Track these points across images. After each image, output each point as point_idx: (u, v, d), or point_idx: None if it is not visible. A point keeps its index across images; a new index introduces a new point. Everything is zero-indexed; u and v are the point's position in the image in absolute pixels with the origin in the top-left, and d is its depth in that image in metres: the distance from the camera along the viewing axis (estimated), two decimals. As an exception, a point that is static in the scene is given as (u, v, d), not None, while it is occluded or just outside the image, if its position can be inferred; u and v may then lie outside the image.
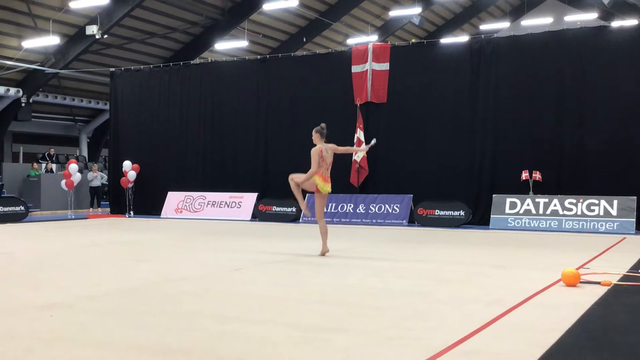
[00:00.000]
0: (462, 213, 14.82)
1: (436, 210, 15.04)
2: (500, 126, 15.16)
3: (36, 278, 7.25)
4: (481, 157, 15.34)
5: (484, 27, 33.24)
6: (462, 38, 19.73)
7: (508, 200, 14.56)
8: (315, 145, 9.11)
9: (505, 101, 15.13)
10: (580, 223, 13.78)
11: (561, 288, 6.52)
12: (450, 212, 14.92)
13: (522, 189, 14.60)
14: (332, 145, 9.15)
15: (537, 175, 14.42)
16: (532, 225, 14.14)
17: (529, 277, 7.31)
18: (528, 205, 14.33)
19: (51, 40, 21.72)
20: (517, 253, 9.88)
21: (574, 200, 14.00)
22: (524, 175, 14.45)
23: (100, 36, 21.98)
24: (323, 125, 9.21)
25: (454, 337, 4.50)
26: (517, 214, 14.36)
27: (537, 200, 14.30)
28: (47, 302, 5.74)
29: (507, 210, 14.47)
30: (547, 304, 5.73)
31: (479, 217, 15.09)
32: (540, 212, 14.18)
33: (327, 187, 9.18)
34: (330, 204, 16.23)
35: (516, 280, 7.05)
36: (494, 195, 14.79)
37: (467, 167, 15.45)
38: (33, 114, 25.38)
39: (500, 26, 32.44)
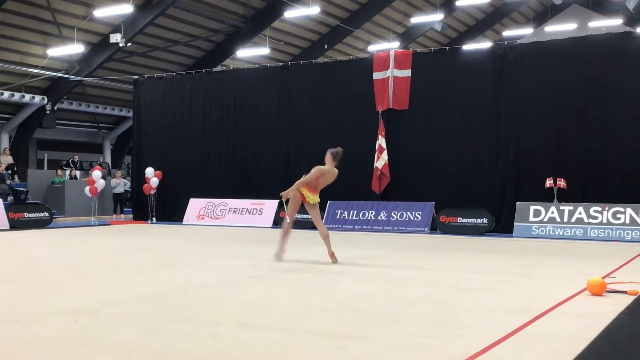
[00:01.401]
0: (485, 221, 14.69)
1: (459, 218, 14.93)
2: (523, 133, 15.02)
3: (60, 284, 7.31)
4: (504, 165, 15.21)
5: (506, 33, 33.02)
6: (485, 44, 19.63)
7: (532, 207, 14.40)
8: (324, 164, 9.16)
9: (528, 108, 14.99)
10: (606, 231, 13.58)
11: (587, 297, 6.41)
12: (473, 219, 14.79)
13: (546, 196, 14.43)
14: (336, 172, 9.23)
15: (561, 183, 14.25)
16: (556, 233, 13.96)
17: (554, 285, 7.21)
18: (552, 213, 14.16)
19: (76, 49, 22.01)
20: (541, 261, 9.75)
21: (599, 208, 13.81)
22: (548, 182, 14.29)
23: (123, 44, 22.22)
24: (341, 150, 9.23)
25: (477, 346, 4.44)
26: (542, 221, 14.19)
27: (561, 208, 14.12)
28: (72, 308, 5.77)
29: (531, 218, 14.31)
30: (572, 313, 5.64)
31: (503, 225, 14.94)
32: (565, 220, 14.00)
33: (314, 198, 9.27)
34: (351, 212, 16.19)
35: (541, 289, 6.95)
36: (517, 203, 14.63)
37: (491, 175, 15.32)
38: (58, 121, 25.72)
39: (523, 32, 32.23)
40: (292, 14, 24.23)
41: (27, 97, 23.60)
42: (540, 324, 5.20)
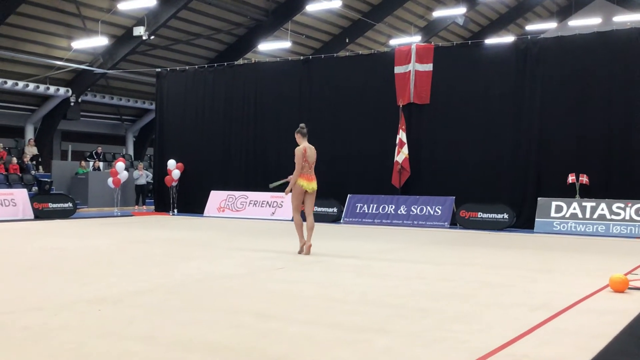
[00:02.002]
0: (506, 216, 14.62)
1: (479, 213, 14.87)
2: (546, 128, 14.90)
3: (85, 273, 7.43)
4: (526, 160, 15.10)
5: (530, 27, 32.70)
6: (508, 38, 19.47)
7: (554, 203, 14.30)
8: (298, 145, 9.41)
9: (551, 103, 14.87)
10: (629, 228, 13.45)
11: (609, 294, 6.38)
12: (493, 214, 14.73)
13: (568, 192, 14.32)
14: (312, 146, 9.49)
15: (583, 179, 14.13)
16: (578, 229, 13.85)
17: (575, 282, 7.18)
18: (574, 209, 14.05)
19: (100, 41, 22.21)
20: (563, 257, 9.70)
21: (622, 205, 13.67)
22: (570, 178, 14.18)
23: (147, 37, 22.39)
24: (303, 125, 9.56)
25: (499, 340, 4.45)
26: (563, 217, 14.09)
27: (583, 204, 14.01)
28: (96, 297, 5.88)
29: (553, 214, 14.21)
30: (594, 310, 5.62)
31: (524, 221, 14.86)
32: (587, 216, 13.88)
33: (312, 185, 9.42)
34: (371, 205, 16.21)
35: (562, 285, 6.93)
36: (539, 199, 14.54)
37: (512, 170, 15.23)
38: (82, 113, 25.99)
39: (547, 27, 31.89)
40: (313, 7, 24.22)
41: (52, 89, 23.88)
42: (561, 320, 5.19)
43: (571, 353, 4.20)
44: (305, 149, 9.34)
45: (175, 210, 19.41)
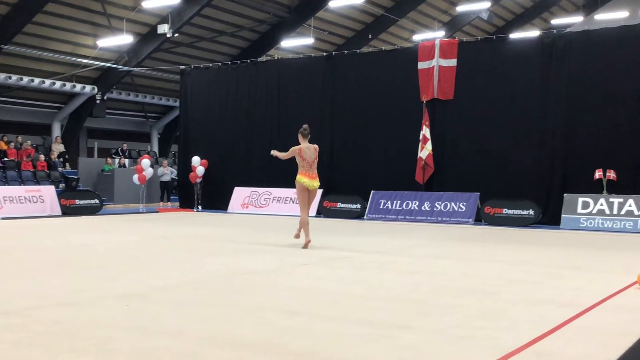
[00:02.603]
0: (531, 212, 14.48)
1: (504, 209, 14.75)
2: (572, 123, 14.72)
3: (112, 269, 7.53)
4: (552, 155, 14.94)
5: (555, 21, 32.29)
6: (533, 33, 19.27)
7: (580, 199, 14.13)
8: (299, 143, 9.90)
9: (577, 98, 14.68)
10: (657, 224, 13.24)
11: (637, 291, 6.30)
12: (519, 210, 14.59)
13: (595, 188, 14.14)
14: (314, 146, 9.98)
15: (611, 174, 13.94)
16: (605, 225, 13.68)
17: (603, 279, 7.10)
18: (601, 205, 13.87)
19: (125, 39, 22.42)
20: (590, 254, 9.59)
21: (650, 201, 13.47)
22: (597, 174, 13.99)
23: (171, 35, 22.55)
24: (305, 126, 10.10)
25: (525, 338, 4.42)
26: (590, 214, 13.92)
27: (611, 200, 13.82)
28: (123, 292, 5.96)
29: (579, 210, 14.05)
30: (622, 307, 5.56)
31: (550, 217, 14.70)
32: (615, 212, 13.70)
33: (313, 183, 9.86)
34: (394, 202, 16.16)
35: (589, 282, 6.86)
36: (565, 195, 14.37)
37: (537, 165, 15.08)
38: (107, 111, 26.29)
39: (572, 21, 31.47)
40: (336, 3, 24.18)
41: (78, 87, 24.18)
42: (588, 317, 5.14)
43: (598, 351, 4.17)
44: (300, 149, 9.82)
45: (200, 207, 19.56)
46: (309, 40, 26.28)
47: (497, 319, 5.05)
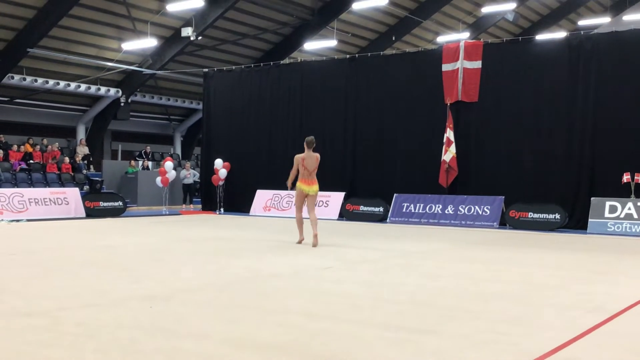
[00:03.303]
0: (557, 216, 14.28)
1: (529, 213, 14.56)
2: (599, 126, 14.49)
3: (136, 270, 7.57)
4: (579, 158, 14.72)
5: (582, 22, 31.89)
6: (560, 34, 19.05)
7: (608, 203, 13.91)
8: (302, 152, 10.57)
9: (605, 100, 14.46)
10: (687, 229, 12.98)
11: (668, 297, 6.17)
12: (544, 214, 14.40)
13: (622, 192, 13.91)
14: (317, 155, 10.61)
15: (639, 178, 13.70)
16: (633, 230, 13.44)
17: (630, 284, 6.97)
18: (629, 209, 13.63)
19: (149, 43, 22.59)
20: (617, 259, 9.43)
21: (679, 205, 13.21)
22: (625, 177, 13.76)
23: (194, 38, 22.68)
24: (310, 138, 10.67)
25: (552, 343, 4.34)
26: (618, 218, 13.68)
27: (639, 204, 13.58)
28: (147, 294, 5.97)
29: (607, 214, 13.83)
30: (652, 314, 5.44)
31: (576, 221, 14.49)
32: (642, 216, 13.46)
33: (312, 189, 10.58)
34: (418, 205, 16.07)
35: (617, 287, 6.73)
36: (592, 198, 14.16)
37: (564, 168, 14.87)
38: (131, 113, 26.51)
39: (600, 22, 31.04)
40: (360, 5, 24.13)
41: (103, 89, 24.43)
42: (616, 323, 5.05)
43: (627, 357, 4.08)
44: (302, 158, 10.46)
45: (222, 209, 19.62)
46: (332, 43, 26.26)
47: (523, 324, 4.96)
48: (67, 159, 22.17)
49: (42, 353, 4.03)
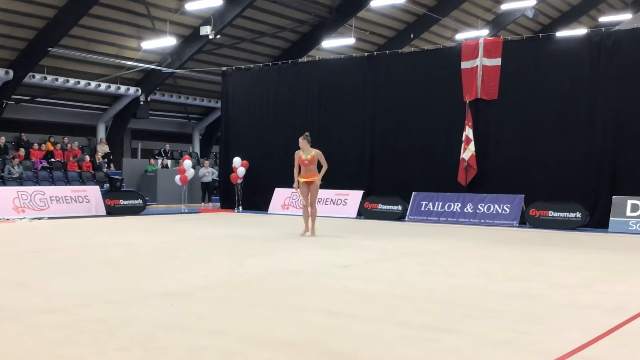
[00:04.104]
0: (578, 215, 14.15)
1: (550, 212, 14.44)
2: (622, 123, 14.31)
3: (156, 268, 7.62)
4: (600, 156, 14.56)
5: (603, 19, 31.54)
6: (580, 31, 18.84)
7: (629, 202, 13.74)
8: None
9: (627, 98, 14.28)
10: None
11: (691, 297, 6.09)
12: (565, 213, 14.27)
13: (644, 190, 13.74)
14: (316, 151, 11.85)
15: (661, 176, 13.53)
16: (655, 229, 13.27)
17: (653, 284, 6.88)
18: (651, 207, 13.47)
19: (168, 41, 22.74)
20: (639, 258, 9.31)
21: (703, 203, 13.02)
22: (647, 175, 13.59)
23: (213, 36, 22.78)
24: (305, 134, 11.99)
25: (572, 343, 4.30)
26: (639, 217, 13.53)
27: (661, 202, 13.42)
28: (167, 291, 6.01)
29: (629, 213, 13.66)
30: (675, 314, 5.36)
31: (597, 220, 14.34)
32: (665, 215, 13.29)
33: (308, 180, 11.80)
34: (436, 203, 16.00)
35: (638, 287, 6.65)
36: (613, 197, 14.00)
37: (585, 167, 14.71)
38: (150, 112, 26.71)
39: (621, 18, 30.68)
40: (378, 2, 24.07)
41: (123, 88, 24.64)
42: (637, 323, 4.98)
43: (651, 358, 4.03)
44: (300, 156, 11.70)
45: (240, 207, 19.69)
46: (350, 41, 26.23)
47: (543, 323, 4.93)
48: (87, 158, 22.39)
49: (62, 350, 4.07)
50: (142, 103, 25.53)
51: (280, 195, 18.91)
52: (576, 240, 11.92)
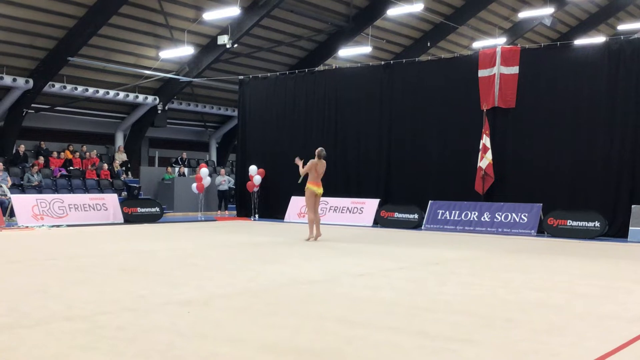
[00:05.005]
0: (597, 224, 14.00)
1: (568, 221, 14.30)
2: (640, 132, 14.19)
3: (173, 275, 7.65)
4: (619, 165, 14.41)
5: (622, 27, 31.30)
6: (599, 39, 18.71)
7: (649, 211, 13.58)
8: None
9: (646, 106, 14.15)
10: None
11: None
12: (584, 222, 14.13)
13: (664, 199, 13.58)
14: (324, 162, 13.04)
15: (682, 185, 13.36)
16: (676, 238, 13.10)
17: (675, 294, 6.78)
18: (672, 217, 13.30)
19: (186, 51, 22.89)
20: (660, 268, 9.20)
21: None
22: (667, 184, 13.43)
23: (230, 45, 22.90)
24: (320, 149, 13.20)
25: (592, 354, 4.26)
26: (660, 226, 13.36)
27: (682, 212, 13.24)
28: (184, 299, 6.04)
29: (648, 222, 13.50)
30: (698, 325, 5.28)
31: (616, 229, 14.18)
32: (686, 224, 13.11)
33: (320, 190, 12.95)
34: (453, 212, 15.93)
35: (661, 298, 6.56)
36: (633, 206, 13.85)
37: (604, 176, 14.57)
38: (168, 121, 26.88)
39: (640, 26, 30.46)
40: (395, 11, 24.07)
41: (141, 97, 24.83)
42: (661, 334, 4.92)
43: (674, 370, 3.97)
44: (317, 164, 12.77)
45: (257, 216, 19.72)
46: (367, 49, 26.26)
47: (563, 334, 4.88)
48: (105, 166, 22.57)
49: (82, 357, 4.10)
50: (159, 112, 25.70)
51: (296, 203, 18.91)
52: (595, 249, 11.80)
